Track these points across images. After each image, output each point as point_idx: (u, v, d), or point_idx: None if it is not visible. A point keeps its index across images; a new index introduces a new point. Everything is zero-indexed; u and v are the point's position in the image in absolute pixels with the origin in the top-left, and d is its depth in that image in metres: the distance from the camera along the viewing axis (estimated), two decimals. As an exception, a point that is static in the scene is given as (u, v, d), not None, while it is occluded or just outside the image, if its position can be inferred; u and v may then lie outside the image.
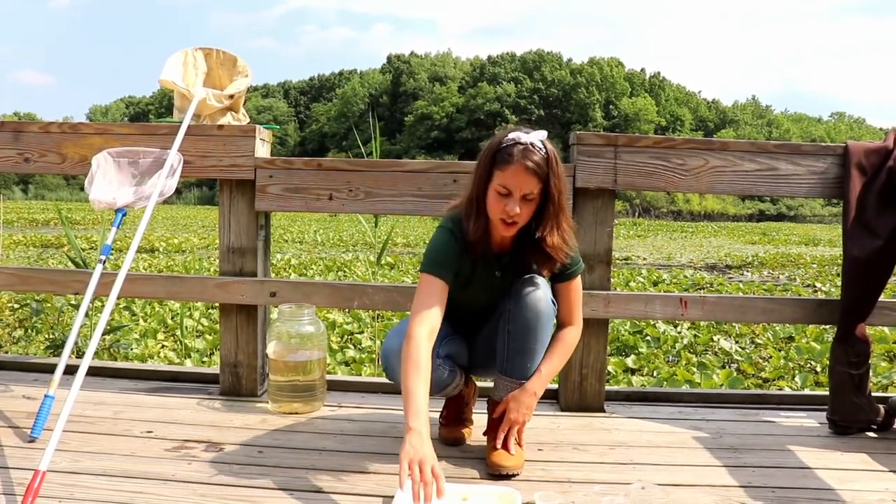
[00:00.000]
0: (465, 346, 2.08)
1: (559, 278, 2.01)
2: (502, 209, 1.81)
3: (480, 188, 1.86)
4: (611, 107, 76.34)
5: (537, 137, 1.82)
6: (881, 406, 2.33)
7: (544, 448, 2.11)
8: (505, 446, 1.92)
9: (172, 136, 2.42)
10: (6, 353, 3.86)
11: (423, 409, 1.71)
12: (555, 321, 1.98)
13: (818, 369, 4.41)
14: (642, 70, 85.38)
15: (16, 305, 4.46)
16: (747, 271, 11.79)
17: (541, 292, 1.91)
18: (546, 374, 1.97)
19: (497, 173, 1.81)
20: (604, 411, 2.50)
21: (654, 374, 4.31)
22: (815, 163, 2.44)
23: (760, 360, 4.70)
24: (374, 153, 3.95)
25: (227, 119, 2.60)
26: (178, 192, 2.43)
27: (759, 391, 3.25)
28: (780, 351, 4.90)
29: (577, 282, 2.03)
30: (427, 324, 1.82)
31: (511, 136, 1.81)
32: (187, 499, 1.69)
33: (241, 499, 1.70)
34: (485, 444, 2.02)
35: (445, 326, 2.04)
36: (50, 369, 2.56)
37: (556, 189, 1.82)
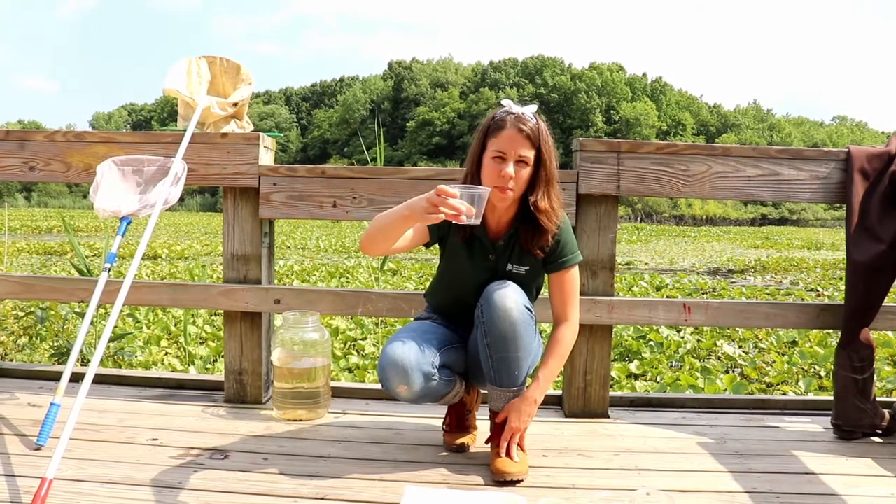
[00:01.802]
0: (462, 353, 2.08)
1: (552, 267, 2.00)
2: (498, 174, 1.85)
3: (475, 162, 1.93)
4: (612, 111, 76.48)
5: (528, 109, 1.91)
6: (886, 411, 2.33)
7: (549, 454, 2.11)
8: (508, 454, 1.92)
9: (176, 145, 2.43)
10: (11, 361, 3.87)
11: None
12: (534, 323, 1.97)
13: (822, 374, 4.39)
14: (644, 75, 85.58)
15: (20, 313, 4.47)
16: (750, 276, 11.76)
17: (511, 301, 1.87)
18: (544, 380, 1.96)
19: (491, 140, 1.88)
20: (608, 417, 2.50)
21: (658, 379, 4.30)
22: (818, 168, 2.44)
23: (764, 365, 4.69)
24: (378, 160, 3.96)
25: (231, 127, 2.61)
26: (180, 198, 2.44)
27: (762, 396, 3.24)
28: (783, 356, 4.89)
29: (572, 274, 2.02)
30: None
31: (503, 108, 1.91)
32: (193, 506, 1.69)
33: (246, 506, 1.71)
34: (489, 450, 2.02)
35: (445, 330, 2.05)
36: (55, 377, 2.57)
37: (548, 155, 1.90)
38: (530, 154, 1.87)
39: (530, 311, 1.93)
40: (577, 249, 2.03)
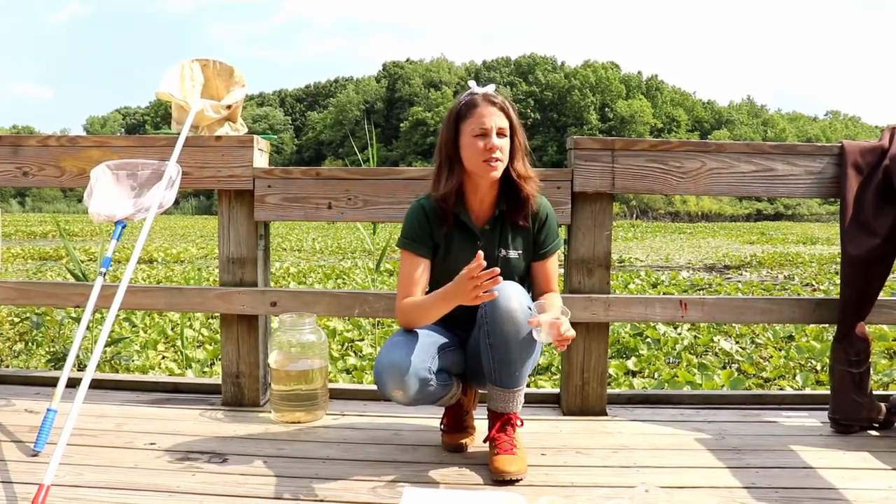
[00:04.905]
0: (460, 354, 2.08)
1: (540, 256, 2.07)
2: (484, 148, 1.90)
3: (451, 148, 1.97)
4: (606, 109, 76.53)
5: (490, 88, 1.99)
6: (882, 404, 2.34)
7: (547, 453, 2.11)
8: (502, 442, 1.95)
9: (170, 148, 2.43)
10: (7, 367, 3.86)
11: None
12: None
13: (819, 368, 4.41)
14: (639, 73, 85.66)
15: (16, 319, 4.45)
16: (746, 271, 11.79)
17: (515, 303, 1.87)
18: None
19: (467, 122, 1.93)
20: (606, 415, 2.50)
21: (656, 376, 4.31)
22: (812, 163, 2.45)
23: (761, 360, 4.70)
24: (371, 161, 3.96)
25: (225, 129, 2.61)
26: (175, 202, 2.44)
27: (760, 391, 3.25)
28: (780, 350, 4.90)
29: (555, 258, 2.11)
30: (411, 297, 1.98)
31: (467, 91, 1.97)
32: (192, 510, 1.69)
33: (245, 509, 1.70)
34: (487, 450, 2.02)
35: (441, 330, 2.05)
36: (51, 383, 2.56)
37: (518, 125, 1.98)
38: (506, 125, 1.94)
39: (531, 311, 1.94)
40: (560, 236, 2.14)
